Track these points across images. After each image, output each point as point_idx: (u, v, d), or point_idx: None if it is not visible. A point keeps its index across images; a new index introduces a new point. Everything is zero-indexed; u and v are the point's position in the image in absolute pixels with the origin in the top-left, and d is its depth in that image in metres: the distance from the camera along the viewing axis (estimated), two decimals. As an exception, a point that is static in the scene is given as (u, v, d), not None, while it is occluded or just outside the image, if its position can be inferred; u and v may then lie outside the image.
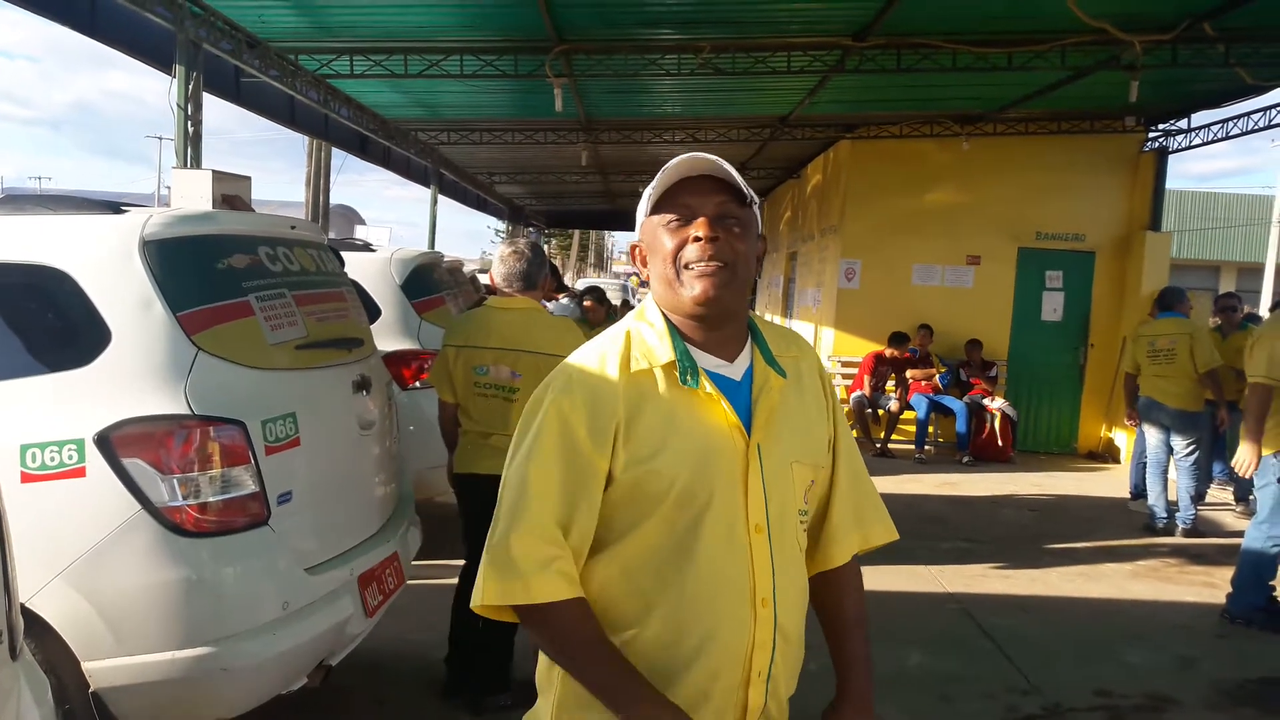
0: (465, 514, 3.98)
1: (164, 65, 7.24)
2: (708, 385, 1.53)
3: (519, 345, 3.76)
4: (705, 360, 1.57)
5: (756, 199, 1.58)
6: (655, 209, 1.56)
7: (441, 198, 15.74)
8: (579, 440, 1.49)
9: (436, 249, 13.32)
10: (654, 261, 1.58)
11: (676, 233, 1.53)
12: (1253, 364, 5.18)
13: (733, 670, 1.53)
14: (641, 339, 1.58)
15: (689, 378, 1.52)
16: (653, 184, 1.57)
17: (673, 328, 1.57)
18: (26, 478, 2.67)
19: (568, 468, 1.49)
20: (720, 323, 1.58)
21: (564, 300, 9.03)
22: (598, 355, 1.58)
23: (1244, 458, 5.19)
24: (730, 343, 1.60)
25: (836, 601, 1.76)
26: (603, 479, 1.51)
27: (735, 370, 1.60)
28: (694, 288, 1.52)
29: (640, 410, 1.51)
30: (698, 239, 1.51)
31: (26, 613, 2.29)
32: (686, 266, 1.52)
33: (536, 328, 3.79)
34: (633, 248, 1.67)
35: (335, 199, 14.58)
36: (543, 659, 1.64)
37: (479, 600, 1.51)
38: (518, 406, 3.73)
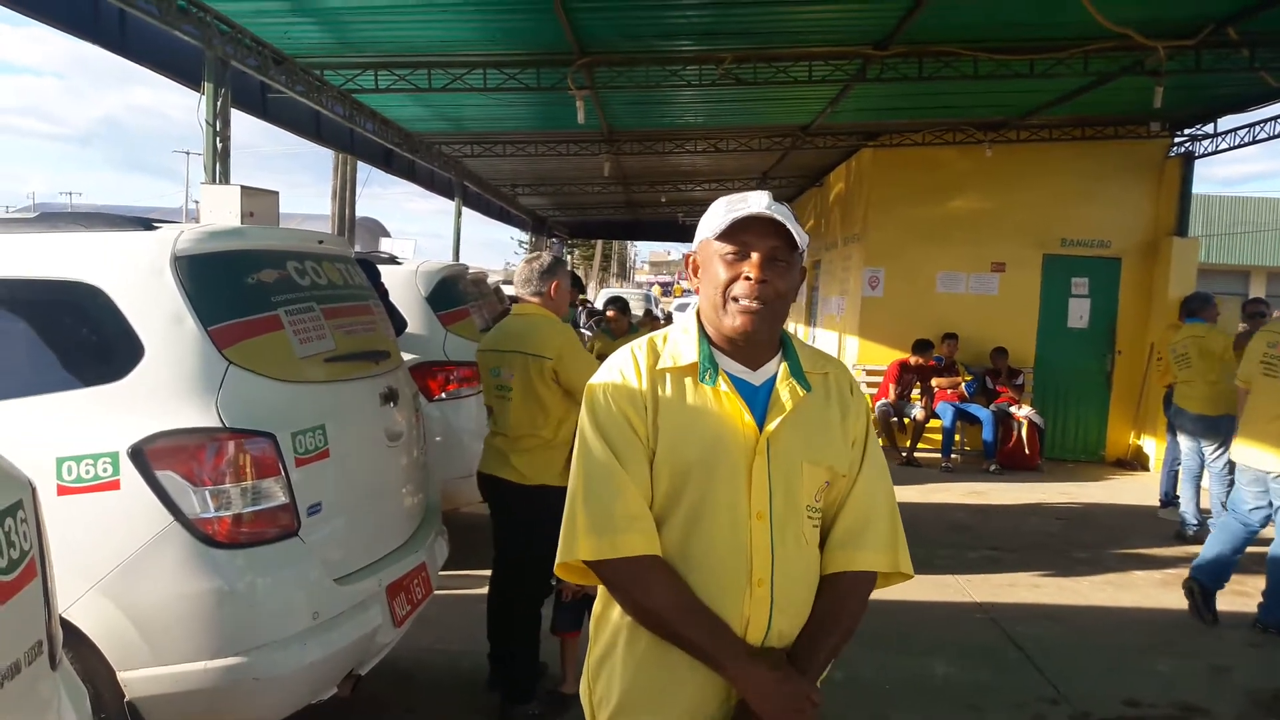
0: (490, 513, 4.06)
1: (192, 82, 7.34)
2: (724, 384, 1.72)
3: (516, 347, 3.86)
4: (729, 365, 1.76)
5: (806, 241, 1.73)
6: (718, 236, 1.71)
7: (465, 210, 15.83)
8: (629, 417, 1.71)
9: (461, 261, 13.40)
10: (705, 282, 1.76)
11: (731, 266, 1.71)
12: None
13: None
14: (674, 342, 1.80)
15: (708, 376, 1.72)
16: (720, 209, 1.72)
17: (704, 335, 1.78)
18: (62, 490, 2.72)
19: (628, 442, 1.71)
20: (753, 346, 1.77)
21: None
22: (632, 352, 1.79)
23: None
24: (757, 354, 1.78)
25: (824, 604, 1.79)
26: (648, 453, 1.71)
27: (757, 377, 1.78)
28: (735, 320, 1.70)
29: (664, 401, 1.72)
30: (748, 278, 1.69)
31: (63, 623, 2.33)
32: (734, 299, 1.70)
33: (533, 330, 3.87)
34: (687, 257, 1.87)
35: (360, 212, 14.70)
36: (590, 666, 1.83)
37: (571, 555, 1.70)
38: (513, 405, 3.82)
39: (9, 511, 1.70)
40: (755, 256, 1.69)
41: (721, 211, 1.72)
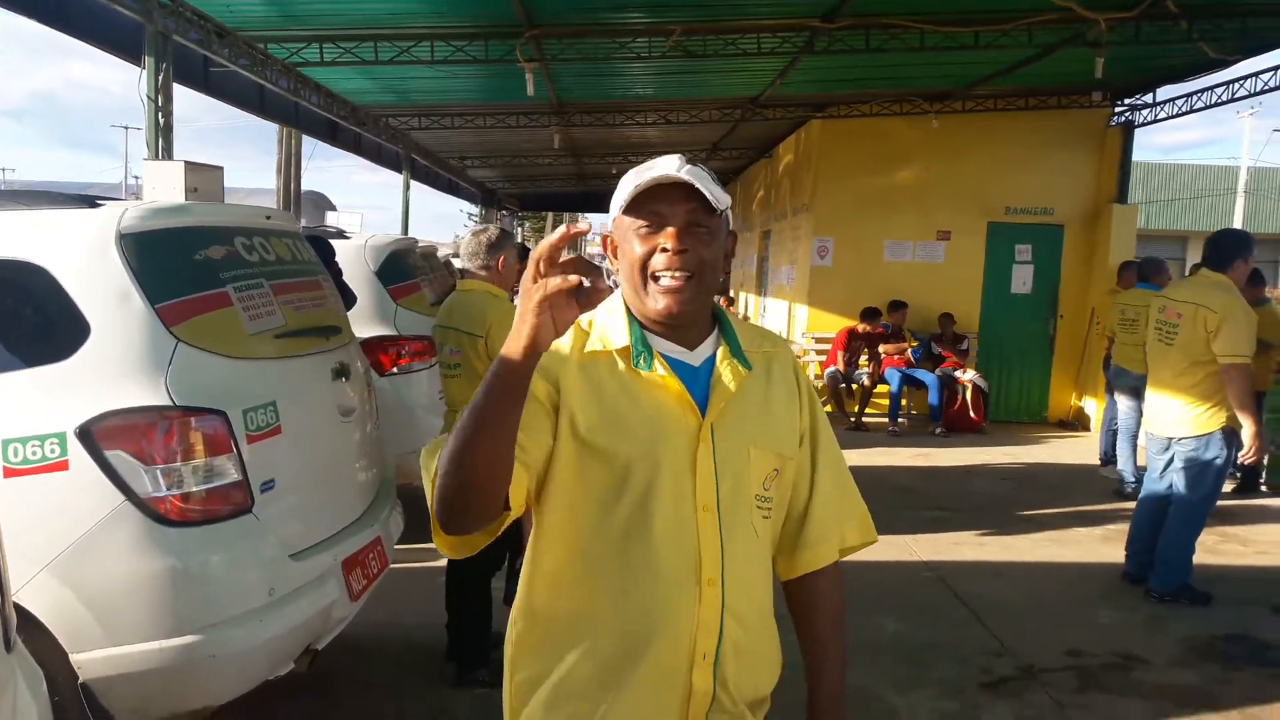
0: None
1: (132, 56, 7.18)
2: (660, 368, 1.54)
3: (457, 324, 3.91)
4: (663, 346, 1.58)
5: (728, 203, 1.57)
6: (626, 210, 1.54)
7: (413, 183, 15.68)
8: (535, 395, 1.49)
9: (410, 234, 13.30)
10: (622, 261, 1.59)
11: (645, 239, 1.53)
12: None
13: (675, 651, 1.53)
14: (601, 325, 1.61)
15: (642, 361, 1.54)
16: (625, 183, 1.56)
17: (633, 316, 1.60)
18: (9, 472, 2.70)
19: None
20: (685, 324, 1.60)
21: None
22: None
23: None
24: (691, 333, 1.62)
25: (812, 607, 1.75)
26: (548, 414, 1.52)
27: (694, 357, 1.61)
28: (659, 301, 1.54)
29: (594, 389, 1.54)
30: (665, 249, 1.51)
31: (15, 608, 2.32)
32: (653, 277, 1.53)
33: (472, 306, 3.90)
34: (604, 239, 1.69)
35: (305, 186, 14.48)
36: (508, 636, 1.66)
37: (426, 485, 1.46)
38: (458, 383, 3.87)
39: (-41, 493, 1.70)
40: (671, 227, 1.51)
41: (628, 182, 1.55)
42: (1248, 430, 4.93)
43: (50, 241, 2.96)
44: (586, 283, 1.20)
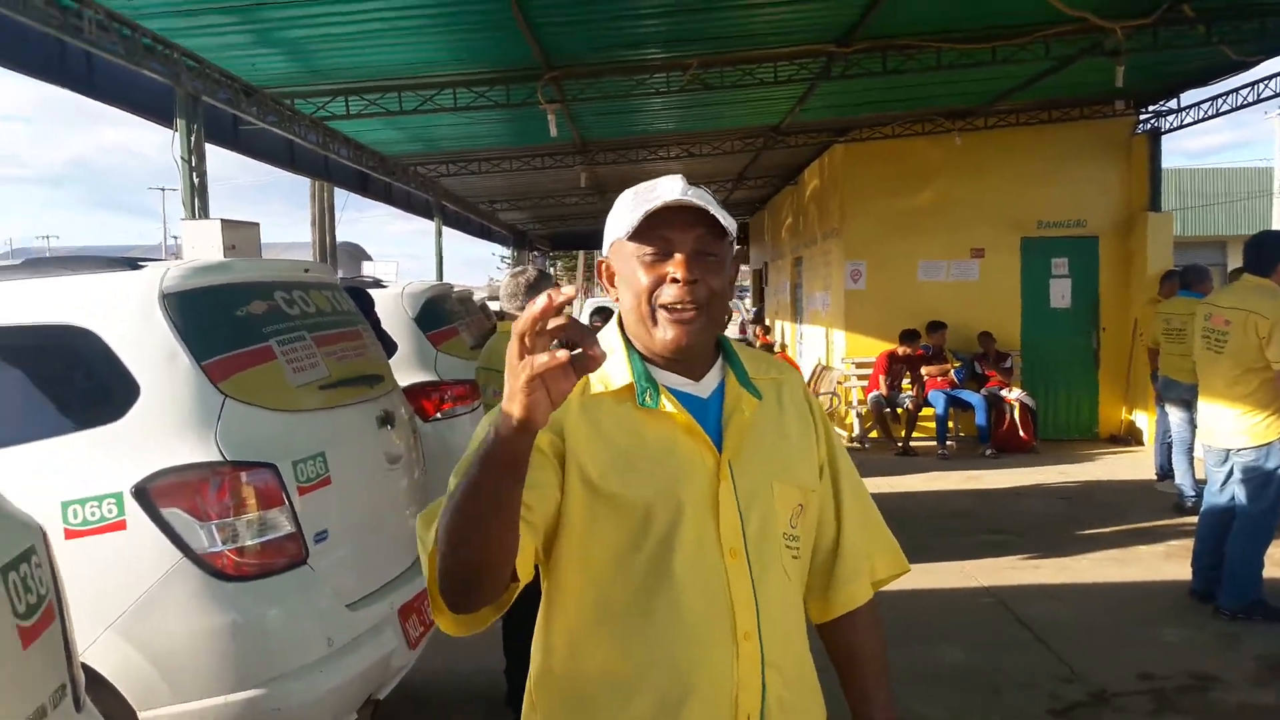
0: None
1: (163, 119, 7.31)
2: (669, 404, 1.43)
3: (499, 366, 3.86)
4: (668, 379, 1.47)
5: (734, 227, 1.47)
6: (631, 235, 1.43)
7: (445, 228, 15.83)
8: (538, 447, 1.36)
9: (444, 279, 13.40)
10: (625, 291, 1.48)
11: (652, 268, 1.43)
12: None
13: (714, 714, 1.40)
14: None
15: (648, 398, 1.43)
16: (628, 204, 1.46)
17: (632, 350, 1.48)
18: (70, 534, 2.72)
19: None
20: (691, 356, 1.50)
21: None
22: None
23: None
24: (696, 363, 1.50)
25: (854, 651, 1.64)
26: (554, 467, 1.40)
27: (701, 389, 1.50)
28: (667, 333, 1.43)
29: (601, 433, 1.42)
30: (675, 280, 1.41)
31: (83, 667, 2.32)
32: (664, 309, 1.42)
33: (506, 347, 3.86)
34: (600, 264, 1.55)
35: (339, 237, 14.68)
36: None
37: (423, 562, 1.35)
38: None
39: (23, 557, 1.70)
40: (679, 255, 1.41)
41: (630, 206, 1.44)
42: None
43: (96, 305, 3.01)
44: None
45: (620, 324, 1.53)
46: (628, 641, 1.41)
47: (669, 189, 1.42)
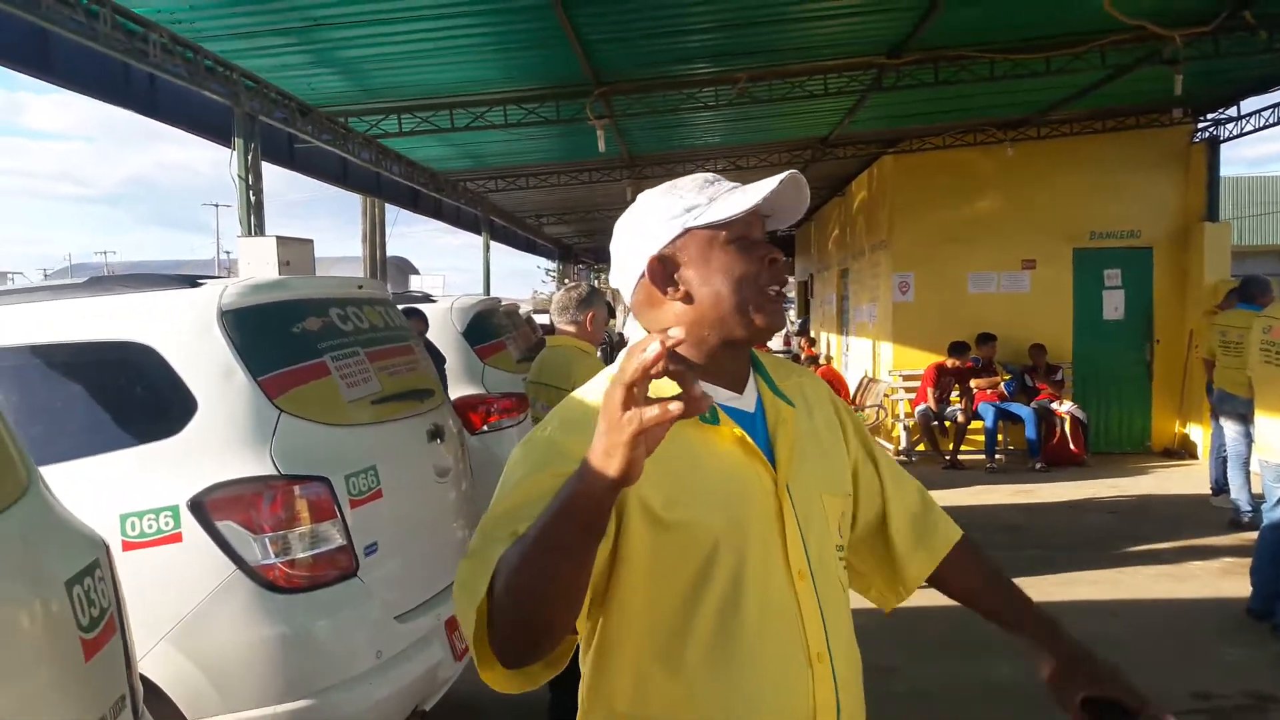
0: None
1: (221, 138, 7.51)
2: (730, 424, 1.38)
3: (546, 379, 3.92)
4: (717, 394, 1.40)
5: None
6: (718, 224, 1.39)
7: (492, 243, 15.99)
8: None
9: (491, 293, 13.51)
10: (718, 279, 1.39)
11: (751, 253, 1.39)
12: None
13: None
14: None
15: (708, 414, 1.34)
16: (692, 195, 1.42)
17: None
18: (128, 546, 2.80)
19: None
20: (743, 358, 1.47)
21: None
22: (601, 397, 1.30)
23: None
24: (740, 372, 1.46)
25: (980, 566, 1.70)
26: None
27: (747, 402, 1.46)
28: (773, 316, 1.39)
29: (659, 458, 1.19)
30: (774, 262, 1.39)
31: (140, 677, 2.39)
32: (766, 291, 1.39)
33: (561, 363, 3.91)
34: (656, 261, 1.42)
35: (389, 251, 14.90)
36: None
37: (460, 610, 1.25)
38: None
39: (88, 571, 1.76)
40: (762, 238, 1.41)
41: (704, 197, 1.40)
42: None
43: (157, 322, 3.10)
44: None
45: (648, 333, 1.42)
46: (703, 678, 1.33)
47: (730, 182, 1.43)
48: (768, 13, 6.77)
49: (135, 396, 3.06)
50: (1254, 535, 5.50)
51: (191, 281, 3.34)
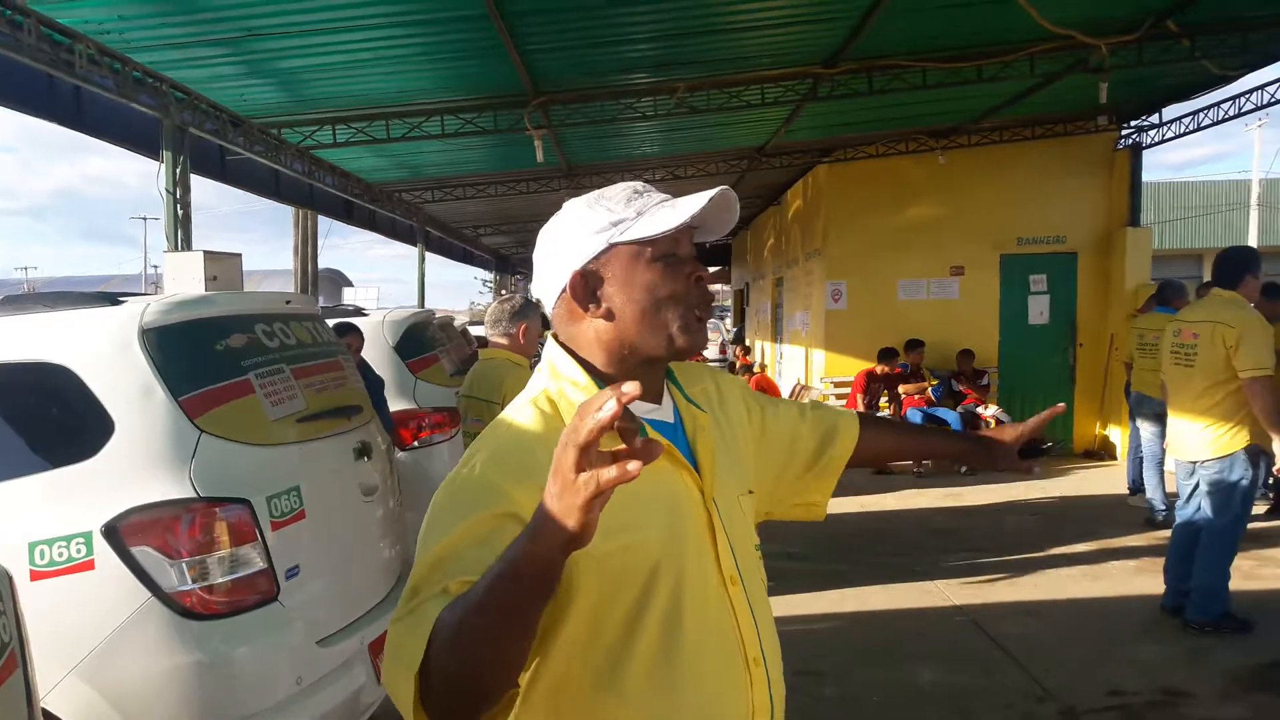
0: None
1: (150, 151, 7.36)
2: (658, 438, 1.26)
3: (476, 393, 3.89)
4: (637, 408, 1.35)
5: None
6: (667, 230, 1.36)
7: (428, 254, 15.86)
8: (522, 518, 1.19)
9: (426, 305, 13.43)
10: (640, 296, 1.37)
11: (676, 271, 1.38)
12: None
13: None
14: (570, 402, 1.38)
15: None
16: (620, 208, 1.39)
17: (598, 381, 1.40)
18: (36, 575, 2.73)
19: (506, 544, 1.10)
20: (659, 372, 1.45)
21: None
22: (528, 427, 1.36)
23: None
24: (657, 384, 1.44)
25: (882, 432, 1.88)
26: None
27: (666, 413, 1.45)
28: (697, 336, 1.39)
29: None
30: (699, 280, 1.39)
31: (43, 713, 2.34)
32: (691, 311, 1.38)
33: (492, 375, 3.89)
34: (579, 276, 1.40)
35: (321, 263, 14.67)
36: None
37: (391, 680, 1.17)
38: None
39: (-12, 604, 1.73)
40: (688, 254, 1.40)
41: (632, 210, 1.38)
42: (1277, 443, 4.88)
43: (74, 342, 3.03)
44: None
45: (566, 350, 1.43)
46: (648, 696, 1.31)
47: (660, 193, 1.40)
48: (705, 23, 6.84)
49: (49, 419, 2.99)
50: (1168, 533, 5.68)
51: (112, 299, 3.28)
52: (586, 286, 1.40)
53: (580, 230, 1.40)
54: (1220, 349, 4.99)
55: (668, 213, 1.36)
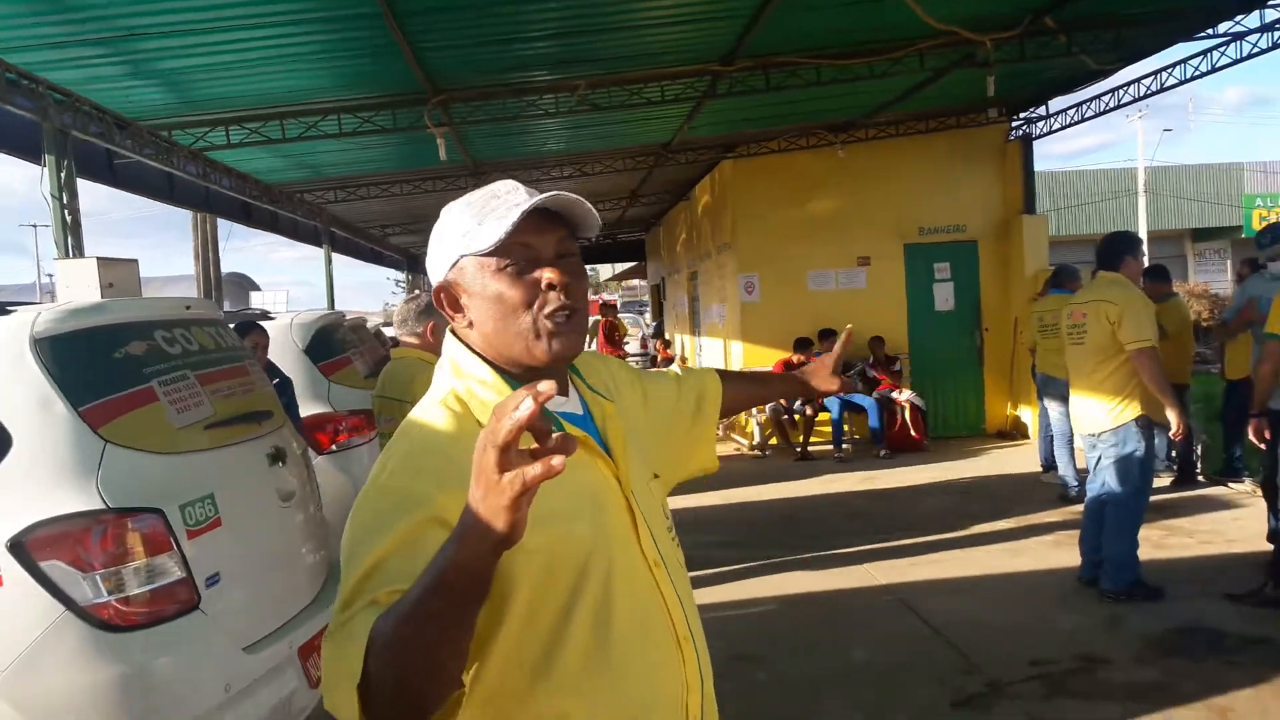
0: None
1: (30, 155, 7.02)
2: (573, 429, 1.36)
3: (386, 392, 3.85)
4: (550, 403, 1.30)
5: (600, 226, 1.44)
6: (494, 248, 1.33)
7: (335, 255, 15.53)
8: (452, 525, 1.08)
9: (337, 307, 13.14)
10: (488, 309, 1.36)
11: (520, 279, 1.34)
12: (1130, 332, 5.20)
13: None
14: (481, 401, 1.37)
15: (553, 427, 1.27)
16: (471, 218, 1.37)
17: (505, 377, 1.39)
18: (-61, 595, 2.59)
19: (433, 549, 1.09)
20: (562, 369, 1.44)
21: None
22: (441, 428, 1.35)
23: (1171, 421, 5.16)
24: (561, 377, 1.43)
25: (740, 387, 2.05)
26: None
27: (573, 404, 1.46)
28: (553, 344, 1.35)
29: None
30: (553, 287, 1.34)
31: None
32: (545, 320, 1.34)
33: (400, 373, 3.84)
34: (439, 289, 1.42)
35: (225, 267, 14.26)
36: None
37: (331, 697, 1.14)
38: None
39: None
40: (546, 261, 1.35)
41: (477, 218, 1.35)
42: (1170, 411, 5.11)
43: (-37, 353, 2.87)
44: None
45: (470, 349, 1.42)
46: (584, 684, 1.31)
47: (512, 194, 1.36)
48: (601, 21, 6.83)
49: (-60, 435, 2.83)
50: (1081, 508, 5.88)
51: (0, 309, 3.13)
52: (449, 297, 1.41)
53: (444, 238, 1.40)
54: (1105, 325, 5.24)
55: (495, 224, 1.32)
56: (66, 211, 6.77)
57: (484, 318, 1.37)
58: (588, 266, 1.64)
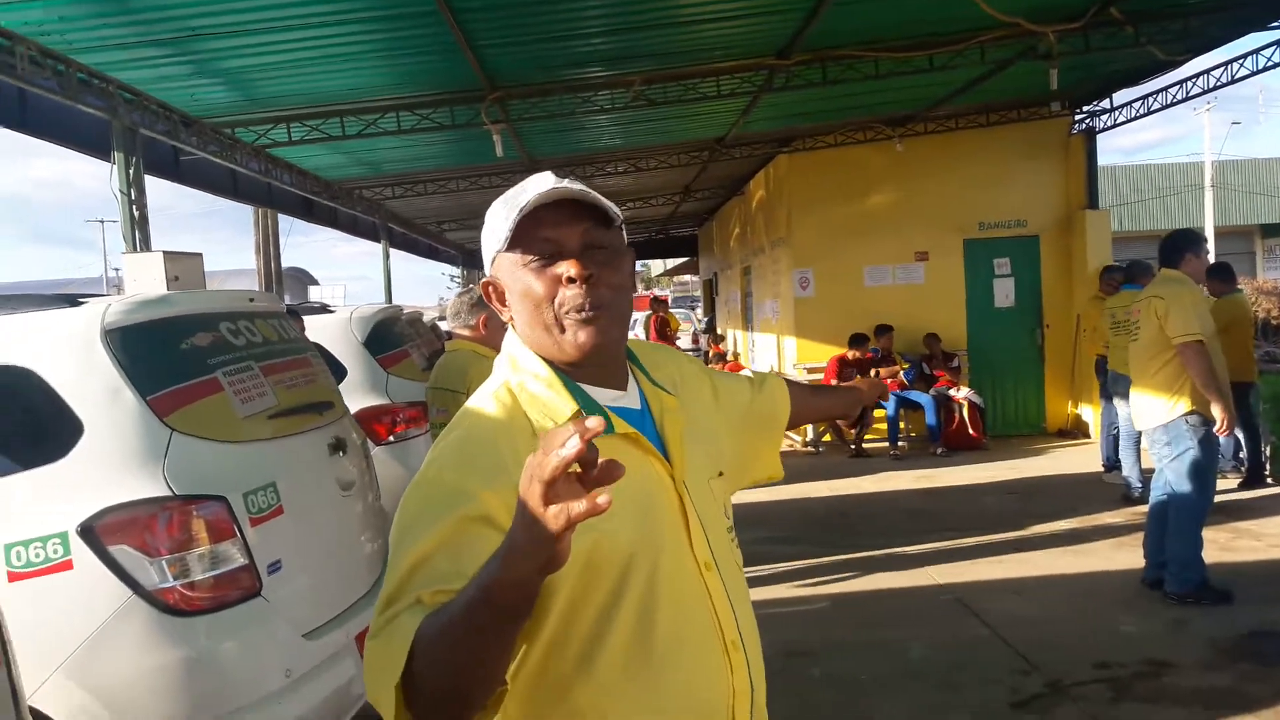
0: None
1: (101, 153, 7.22)
2: (625, 426, 1.34)
3: (442, 384, 3.84)
4: (601, 396, 1.37)
5: (619, 215, 1.40)
6: (511, 245, 1.33)
7: (392, 250, 15.73)
8: (497, 523, 1.19)
9: (394, 301, 13.31)
10: (521, 305, 1.36)
11: (543, 273, 1.32)
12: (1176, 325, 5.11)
13: None
14: (531, 395, 1.37)
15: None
16: (500, 214, 1.37)
17: (560, 373, 1.37)
18: (14, 576, 2.68)
19: (486, 547, 1.12)
20: (607, 360, 1.40)
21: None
22: (491, 422, 1.35)
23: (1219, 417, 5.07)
24: (619, 370, 1.42)
25: (804, 398, 1.97)
26: None
27: (631, 398, 1.43)
28: (577, 336, 1.32)
29: None
30: (572, 279, 1.31)
31: (32, 712, 2.28)
32: (566, 313, 1.32)
33: (456, 365, 3.84)
34: (485, 286, 1.44)
35: (285, 262, 14.51)
36: None
37: (374, 692, 1.18)
38: None
39: (-34, 604, 1.67)
40: (569, 255, 1.32)
41: (503, 214, 1.35)
42: (1215, 406, 5.01)
43: (36, 344, 2.98)
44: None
45: (524, 343, 1.41)
46: (622, 683, 1.30)
47: (539, 184, 1.33)
48: (657, 16, 6.83)
49: (15, 421, 2.93)
50: (1145, 509, 5.74)
51: (72, 301, 3.21)
52: (496, 291, 1.42)
53: (488, 237, 1.41)
54: (1154, 320, 5.22)
55: (504, 226, 1.34)
56: (135, 207, 6.94)
57: (517, 312, 1.38)
58: (639, 262, 1.58)
